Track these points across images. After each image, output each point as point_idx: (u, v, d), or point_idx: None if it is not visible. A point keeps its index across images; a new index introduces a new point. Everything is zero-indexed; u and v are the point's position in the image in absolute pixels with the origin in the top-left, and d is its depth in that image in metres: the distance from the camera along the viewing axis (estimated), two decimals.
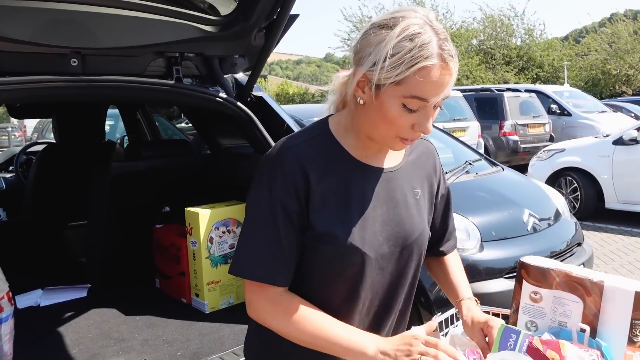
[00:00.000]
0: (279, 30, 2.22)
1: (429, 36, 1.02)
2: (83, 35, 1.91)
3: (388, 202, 1.18)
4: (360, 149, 1.17)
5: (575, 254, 3.82)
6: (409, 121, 1.07)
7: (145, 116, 4.29)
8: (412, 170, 1.26)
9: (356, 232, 1.12)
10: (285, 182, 1.09)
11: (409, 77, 1.02)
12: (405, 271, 1.23)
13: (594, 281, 1.39)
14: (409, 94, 1.03)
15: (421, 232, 1.23)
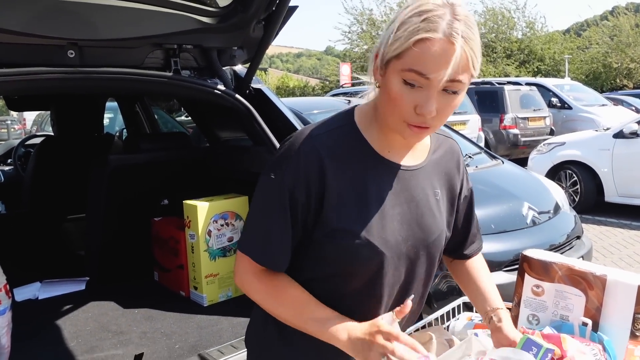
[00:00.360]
0: (278, 21, 2.19)
1: (442, 13, 0.99)
2: (80, 26, 1.89)
3: (409, 201, 1.15)
4: (383, 142, 1.14)
5: (575, 247, 3.82)
6: (412, 100, 1.01)
7: (144, 109, 4.27)
8: (435, 169, 1.22)
9: (375, 230, 1.09)
10: (299, 171, 1.08)
11: (409, 49, 0.98)
12: (419, 272, 1.20)
13: (596, 275, 1.38)
14: (407, 67, 0.99)
15: (440, 233, 1.20)
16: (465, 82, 1.01)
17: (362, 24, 26.92)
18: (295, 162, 1.08)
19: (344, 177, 1.10)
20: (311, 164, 1.07)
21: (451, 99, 1.02)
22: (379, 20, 26.80)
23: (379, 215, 1.11)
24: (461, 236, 1.36)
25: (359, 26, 27.02)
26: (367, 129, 1.14)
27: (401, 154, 1.16)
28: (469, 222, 1.36)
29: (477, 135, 10.07)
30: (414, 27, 0.98)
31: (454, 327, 1.45)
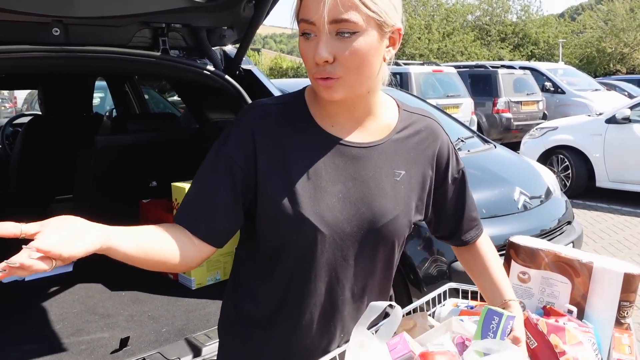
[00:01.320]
0: (269, 1, 2.15)
1: None
2: (65, 3, 1.84)
3: (354, 179, 1.10)
4: (326, 117, 1.11)
5: (565, 232, 3.83)
6: (310, 52, 1.00)
7: (133, 89, 4.22)
8: (398, 149, 1.15)
9: (307, 203, 1.05)
10: (238, 137, 1.07)
11: (300, 3, 1.00)
12: (374, 258, 1.14)
13: (583, 262, 1.38)
14: (299, 19, 1.00)
15: (394, 217, 1.11)
16: (358, 22, 0.97)
17: None
18: (236, 129, 1.09)
19: (277, 150, 1.08)
20: (248, 132, 1.07)
21: (348, 41, 0.98)
22: None
23: (314, 189, 1.07)
24: (455, 221, 1.28)
25: None
26: (313, 104, 1.12)
27: (348, 129, 1.11)
28: (462, 205, 1.27)
29: (470, 118, 10.07)
30: None
31: (440, 313, 1.43)
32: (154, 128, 2.77)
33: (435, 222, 1.30)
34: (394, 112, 1.18)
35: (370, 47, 1.00)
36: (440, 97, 9.85)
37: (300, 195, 1.06)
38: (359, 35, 0.98)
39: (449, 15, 26.62)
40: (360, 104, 1.10)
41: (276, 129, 1.09)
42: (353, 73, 1.01)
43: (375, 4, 0.98)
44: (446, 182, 1.23)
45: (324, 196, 1.07)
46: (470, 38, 25.70)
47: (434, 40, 25.16)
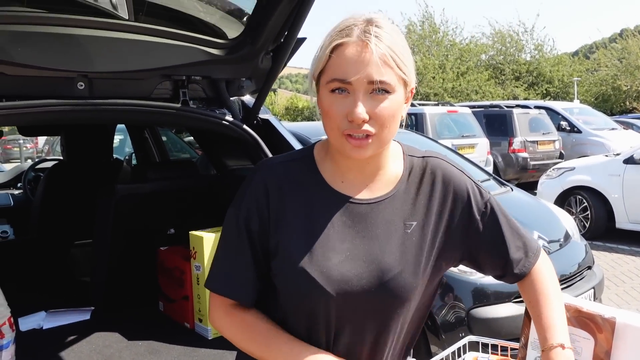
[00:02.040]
0: (286, 53, 2.20)
1: (358, 23, 1.02)
2: (90, 59, 1.91)
3: (362, 236, 1.09)
4: (336, 173, 1.12)
5: (586, 277, 3.77)
6: (342, 109, 1.01)
7: (153, 135, 4.30)
8: (407, 199, 1.13)
9: (314, 262, 1.06)
10: (251, 201, 1.10)
11: (329, 60, 1.02)
12: (387, 314, 1.11)
13: (605, 317, 1.36)
14: (330, 78, 1.01)
15: (400, 271, 1.08)
16: (392, 82, 1.01)
17: None
18: (249, 192, 1.11)
19: (288, 208, 1.10)
20: (260, 192, 1.10)
21: (382, 100, 1.01)
22: None
23: (323, 249, 1.07)
24: (499, 257, 1.19)
25: None
26: (322, 161, 1.14)
27: (357, 186, 1.12)
28: (501, 238, 1.18)
29: (486, 158, 10.06)
30: (330, 39, 1.03)
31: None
32: (172, 176, 2.81)
33: (478, 264, 1.22)
34: (399, 160, 1.17)
35: (399, 105, 1.04)
36: (456, 137, 9.88)
37: (308, 255, 1.07)
38: (391, 94, 1.02)
39: (463, 55, 26.89)
40: (373, 160, 1.11)
41: (286, 188, 1.11)
42: (384, 130, 1.04)
43: (405, 66, 1.03)
44: (474, 220, 1.16)
45: (331, 255, 1.07)
46: (485, 77, 25.86)
47: (448, 79, 25.37)
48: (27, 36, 1.79)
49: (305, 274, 1.06)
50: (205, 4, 2.18)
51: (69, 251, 3.57)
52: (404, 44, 1.05)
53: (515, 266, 1.19)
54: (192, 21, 2.12)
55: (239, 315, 1.14)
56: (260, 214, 1.10)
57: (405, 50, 1.04)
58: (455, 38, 27.68)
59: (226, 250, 1.15)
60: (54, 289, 3.21)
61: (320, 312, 1.08)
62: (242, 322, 1.13)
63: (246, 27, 2.12)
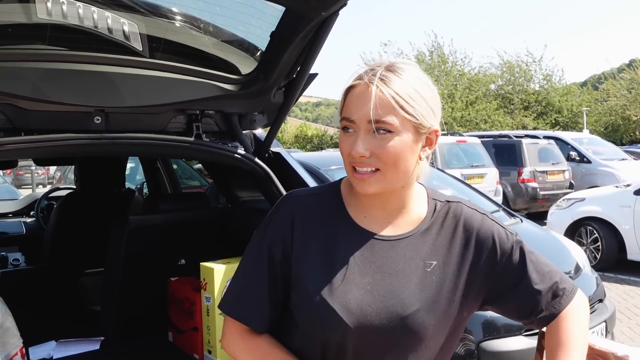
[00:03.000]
0: (298, 88, 2.25)
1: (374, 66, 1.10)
2: (107, 94, 1.96)
3: (383, 271, 1.12)
4: (359, 209, 1.16)
5: (597, 311, 3.73)
6: (347, 146, 1.09)
7: (164, 165, 4.36)
8: (428, 238, 1.15)
9: (336, 296, 1.08)
10: (276, 229, 1.15)
11: (343, 102, 1.11)
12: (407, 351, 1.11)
13: (618, 355, 1.36)
14: (341, 117, 1.10)
15: (420, 307, 1.10)
16: (394, 123, 1.05)
17: None
18: (275, 220, 1.16)
19: (311, 239, 1.13)
20: (286, 221, 1.14)
21: (384, 139, 1.06)
22: None
23: (343, 281, 1.09)
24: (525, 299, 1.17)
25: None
26: (349, 196, 1.18)
27: (380, 223, 1.15)
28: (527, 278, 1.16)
29: (495, 188, 10.05)
30: (348, 82, 1.11)
31: None
32: (184, 208, 2.84)
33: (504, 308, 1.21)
34: (424, 202, 1.21)
35: (405, 145, 1.07)
36: (465, 167, 9.90)
37: (329, 286, 1.09)
38: (394, 134, 1.06)
39: (472, 84, 27.06)
40: (393, 198, 1.15)
41: (311, 220, 1.15)
42: (389, 169, 1.08)
43: (412, 107, 1.06)
44: (498, 263, 1.16)
45: (351, 288, 1.10)
46: (493, 106, 25.96)
47: (457, 108, 25.48)
48: (47, 73, 1.85)
49: (325, 304, 1.08)
50: (220, 41, 2.24)
51: (79, 280, 3.59)
52: (421, 87, 1.09)
53: (542, 310, 1.17)
54: (206, 57, 2.17)
55: (253, 342, 1.16)
56: (284, 243, 1.14)
57: (419, 93, 1.07)
58: (463, 68, 27.90)
59: (244, 274, 1.18)
60: (64, 317, 3.23)
61: (337, 344, 1.09)
62: (257, 349, 1.15)
63: (259, 63, 2.18)
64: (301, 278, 1.12)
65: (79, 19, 1.86)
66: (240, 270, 1.19)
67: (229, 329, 1.19)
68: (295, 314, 1.14)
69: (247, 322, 1.16)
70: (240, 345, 1.17)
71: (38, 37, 1.87)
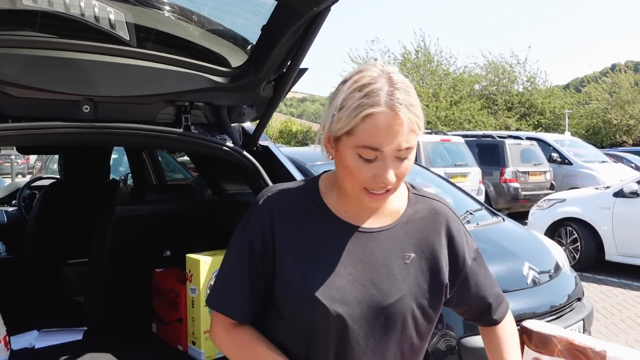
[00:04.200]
0: (288, 82, 2.26)
1: (380, 85, 1.05)
2: (96, 83, 1.95)
3: (363, 262, 1.15)
4: (340, 204, 1.19)
5: (575, 309, 3.80)
6: (370, 172, 1.07)
7: (150, 156, 4.33)
8: (407, 232, 1.20)
9: (318, 285, 1.12)
10: (256, 223, 1.17)
11: (358, 126, 1.04)
12: (387, 339, 1.16)
13: (596, 350, 1.39)
14: (360, 144, 1.05)
15: (401, 297, 1.14)
16: (415, 143, 1.08)
17: None
18: (255, 214, 1.18)
19: (292, 232, 1.16)
20: (265, 218, 1.16)
21: (405, 161, 1.10)
22: None
23: (326, 272, 1.13)
24: (482, 301, 1.30)
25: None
26: (327, 192, 1.20)
27: (359, 216, 1.19)
28: (486, 282, 1.30)
29: (478, 187, 10.14)
30: (357, 103, 1.04)
31: None
32: (171, 199, 2.83)
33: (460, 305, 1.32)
34: (404, 196, 1.24)
35: (414, 156, 1.12)
36: (448, 165, 9.97)
37: (313, 277, 1.13)
38: (411, 151, 1.09)
39: (457, 84, 27.23)
40: None
41: (292, 214, 1.17)
42: (400, 182, 1.12)
43: (422, 123, 1.09)
44: (466, 265, 1.25)
45: (336, 278, 1.13)
46: (477, 107, 26.15)
47: (442, 107, 25.64)
48: (35, 60, 1.84)
49: (309, 295, 1.11)
50: (210, 33, 2.24)
51: (61, 270, 3.56)
52: (417, 97, 1.10)
53: (493, 311, 1.32)
54: (197, 49, 2.17)
55: (236, 334, 1.19)
56: (264, 238, 1.16)
57: (419, 104, 1.10)
58: (449, 68, 28.06)
59: (226, 269, 1.21)
60: (47, 307, 3.20)
61: (320, 333, 1.12)
62: (241, 342, 1.18)
63: (250, 57, 2.18)
64: (285, 270, 1.14)
65: (64, 6, 1.85)
66: (223, 265, 1.23)
67: (216, 322, 1.23)
68: (279, 305, 1.16)
69: (228, 314, 1.19)
70: (226, 339, 1.20)
71: (26, 24, 1.86)
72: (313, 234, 1.16)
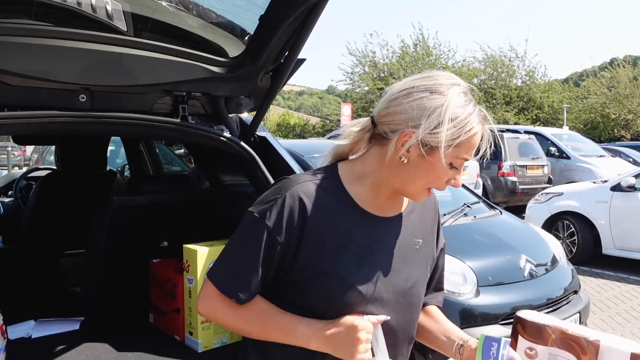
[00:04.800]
0: (286, 73, 2.25)
1: (472, 103, 1.17)
2: (93, 72, 1.95)
3: (387, 249, 1.22)
4: (368, 198, 1.23)
5: (572, 302, 3.82)
6: (446, 176, 1.17)
7: (147, 147, 4.32)
8: (414, 220, 1.30)
9: (355, 275, 1.17)
10: (282, 214, 1.15)
11: (464, 141, 1.13)
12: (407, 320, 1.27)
13: (589, 340, 1.39)
14: (462, 156, 1.15)
15: (416, 281, 1.27)
16: None
17: (364, 66, 27.38)
18: (281, 204, 1.16)
19: (325, 224, 1.17)
20: (294, 208, 1.15)
21: None
22: (381, 63, 27.25)
23: (359, 262, 1.18)
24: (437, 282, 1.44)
25: (361, 68, 27.47)
26: (353, 184, 1.22)
27: (383, 207, 1.24)
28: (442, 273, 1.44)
29: (476, 181, 10.15)
30: (466, 122, 1.13)
31: None
32: (168, 189, 2.83)
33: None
34: None
35: None
36: None
37: (348, 267, 1.17)
38: None
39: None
40: None
41: (323, 207, 1.18)
42: None
43: None
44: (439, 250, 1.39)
45: (367, 267, 1.19)
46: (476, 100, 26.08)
47: None
48: (32, 48, 1.83)
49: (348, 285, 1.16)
50: (208, 23, 2.23)
51: (58, 261, 3.56)
52: None
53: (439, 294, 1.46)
54: (194, 39, 2.16)
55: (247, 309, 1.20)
56: (290, 232, 1.16)
57: None
58: (447, 61, 28.01)
59: (241, 251, 1.19)
60: (43, 298, 3.20)
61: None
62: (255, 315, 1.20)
63: (247, 47, 2.17)
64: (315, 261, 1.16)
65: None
66: (236, 246, 1.21)
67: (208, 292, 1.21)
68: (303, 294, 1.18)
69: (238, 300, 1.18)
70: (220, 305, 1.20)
71: (22, 12, 1.85)
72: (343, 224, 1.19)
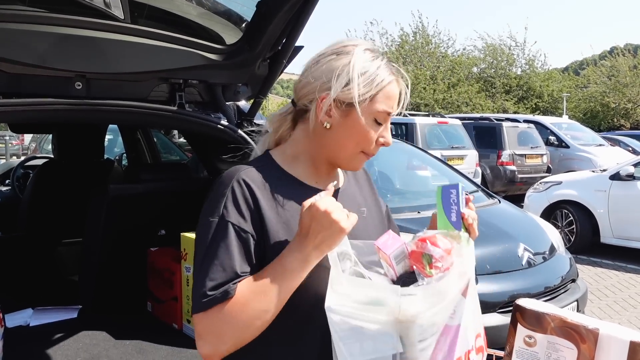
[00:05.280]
0: (283, 61, 2.23)
1: (380, 57, 1.17)
2: (89, 59, 1.92)
3: None
4: (310, 175, 1.23)
5: (570, 290, 3.82)
6: (376, 135, 1.17)
7: (145, 136, 4.30)
8: (355, 190, 1.32)
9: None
10: (238, 203, 1.10)
11: (379, 93, 1.14)
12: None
13: (589, 328, 1.39)
14: (382, 109, 1.15)
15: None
16: None
17: None
18: (232, 196, 1.10)
19: (276, 206, 1.14)
20: (245, 193, 1.11)
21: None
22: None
23: None
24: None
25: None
26: (291, 166, 1.22)
27: (326, 183, 1.19)
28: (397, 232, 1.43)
29: (475, 170, 10.14)
30: (377, 74, 1.14)
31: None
32: (165, 178, 2.82)
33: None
34: None
35: None
36: (445, 148, 9.95)
37: None
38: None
39: (454, 67, 27.09)
40: None
41: (270, 188, 1.16)
42: None
43: None
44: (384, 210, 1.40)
45: None
46: (475, 89, 26.04)
47: (439, 90, 25.53)
48: (27, 35, 1.81)
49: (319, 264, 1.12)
50: (205, 10, 2.21)
51: (56, 249, 3.56)
52: None
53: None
54: (190, 26, 2.14)
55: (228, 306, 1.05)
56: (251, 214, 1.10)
57: None
58: (447, 50, 27.90)
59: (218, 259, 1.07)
60: (41, 286, 3.20)
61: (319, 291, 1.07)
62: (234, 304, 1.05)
63: (244, 34, 2.15)
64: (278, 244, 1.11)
65: None
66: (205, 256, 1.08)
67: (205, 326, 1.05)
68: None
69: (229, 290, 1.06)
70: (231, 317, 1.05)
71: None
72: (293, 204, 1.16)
